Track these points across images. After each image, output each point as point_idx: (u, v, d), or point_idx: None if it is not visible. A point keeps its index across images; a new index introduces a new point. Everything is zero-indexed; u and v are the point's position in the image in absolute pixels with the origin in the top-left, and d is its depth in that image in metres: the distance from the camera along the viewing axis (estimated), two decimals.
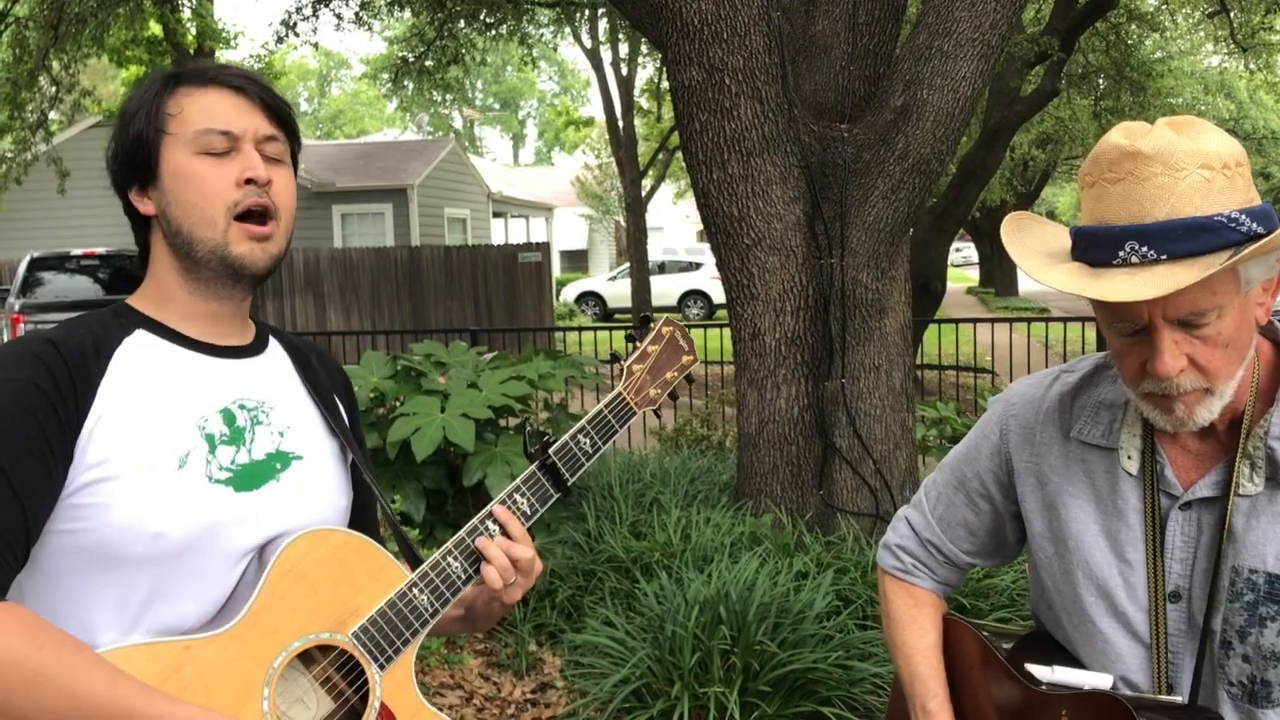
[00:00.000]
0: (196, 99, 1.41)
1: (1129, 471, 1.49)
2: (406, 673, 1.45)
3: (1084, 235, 1.36)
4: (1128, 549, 1.48)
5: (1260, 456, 1.41)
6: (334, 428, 1.54)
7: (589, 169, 32.66)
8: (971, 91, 4.68)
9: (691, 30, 4.70)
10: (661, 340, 1.72)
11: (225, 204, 1.38)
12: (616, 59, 19.05)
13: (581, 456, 1.61)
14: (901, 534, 1.80)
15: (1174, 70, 17.83)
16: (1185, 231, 1.28)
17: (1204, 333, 1.33)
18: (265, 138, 1.43)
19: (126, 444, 1.32)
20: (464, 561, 1.50)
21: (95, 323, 1.40)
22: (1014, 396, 1.66)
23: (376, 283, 17.30)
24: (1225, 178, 1.31)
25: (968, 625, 1.71)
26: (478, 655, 4.48)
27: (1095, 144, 1.39)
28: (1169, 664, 1.46)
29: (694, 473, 5.75)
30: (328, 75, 68.04)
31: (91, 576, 1.32)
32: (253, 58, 16.13)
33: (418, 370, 5.08)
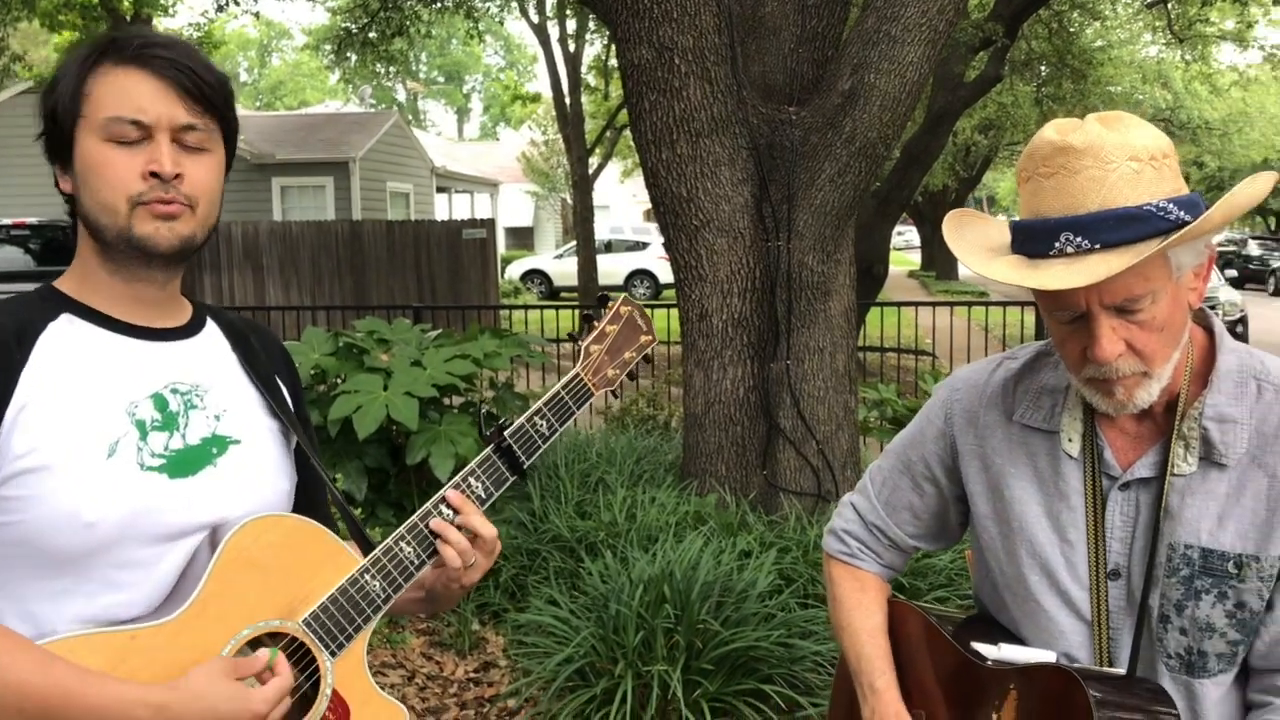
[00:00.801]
0: (113, 81, 1.34)
1: (1070, 454, 1.54)
2: (359, 659, 1.44)
3: (1022, 228, 1.41)
4: (1069, 529, 1.53)
5: (1195, 437, 1.46)
6: (274, 409, 1.51)
7: (535, 145, 32.43)
8: (918, 77, 4.71)
9: (641, 8, 4.68)
10: (620, 320, 1.70)
11: (127, 194, 1.33)
12: (564, 35, 18.91)
13: (538, 439, 1.58)
14: (847, 519, 1.82)
15: (1113, 59, 18.11)
16: (1117, 221, 1.34)
17: (1139, 318, 1.38)
18: (182, 126, 1.35)
19: (54, 433, 1.28)
20: (417, 546, 1.48)
21: (19, 307, 1.36)
22: (958, 382, 1.70)
23: (317, 257, 17.04)
24: (1153, 169, 1.36)
25: (913, 606, 1.75)
26: (420, 635, 4.47)
27: (1035, 133, 1.43)
28: (1109, 640, 1.51)
29: (640, 452, 5.76)
30: (268, 45, 66.80)
31: (27, 569, 1.29)
32: (192, 26, 15.80)
33: (360, 347, 5.02)
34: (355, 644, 1.42)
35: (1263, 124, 25.17)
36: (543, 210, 37.60)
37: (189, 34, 16.27)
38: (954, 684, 1.61)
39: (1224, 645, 1.46)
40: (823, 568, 1.89)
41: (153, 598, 1.33)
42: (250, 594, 1.34)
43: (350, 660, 1.42)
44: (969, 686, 1.57)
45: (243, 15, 13.74)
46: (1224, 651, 1.46)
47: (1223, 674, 1.48)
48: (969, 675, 1.57)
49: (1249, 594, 1.44)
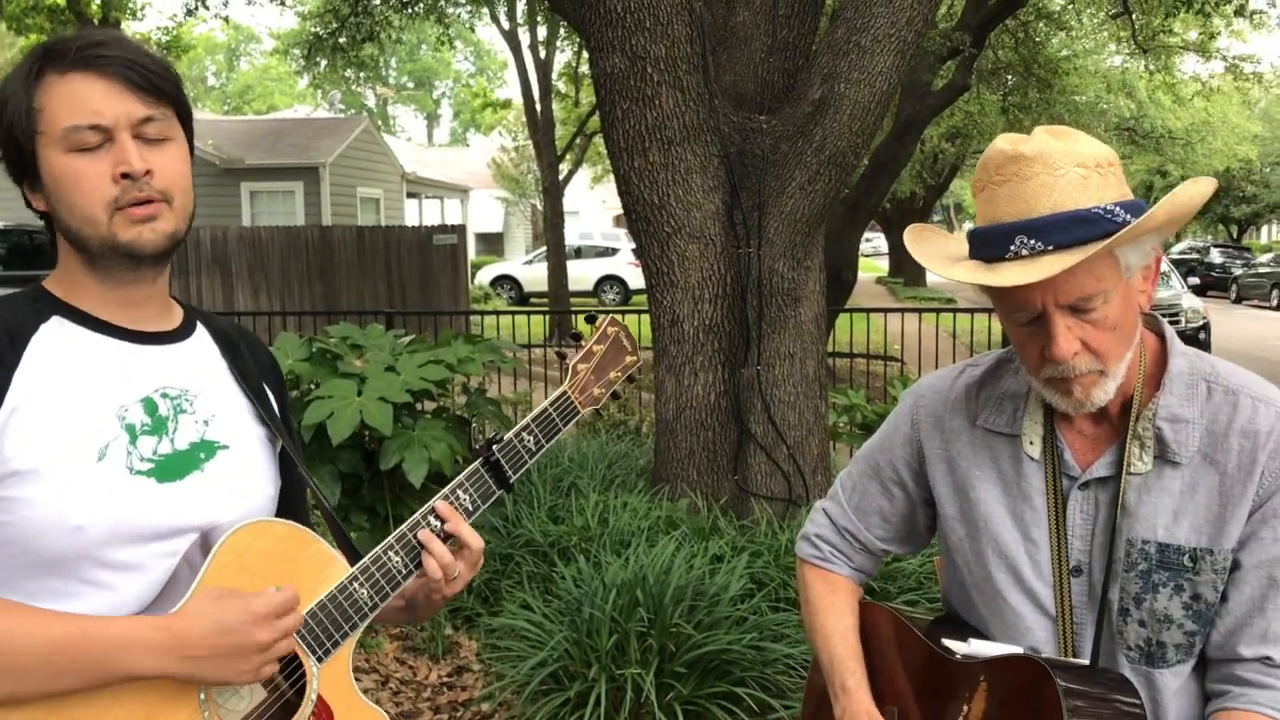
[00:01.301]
0: (60, 90, 1.32)
1: (1031, 456, 1.60)
2: (344, 666, 1.46)
3: (979, 235, 1.48)
4: (1032, 528, 1.59)
5: (1149, 437, 1.53)
6: (262, 416, 1.53)
7: (505, 151, 32.41)
8: (887, 86, 4.78)
9: (614, 17, 4.72)
10: (607, 340, 1.75)
11: (104, 201, 1.33)
12: (535, 41, 18.91)
13: (525, 454, 1.63)
14: (819, 524, 1.88)
15: (1079, 69, 18.32)
16: (1068, 223, 1.41)
17: (1093, 317, 1.45)
18: (141, 120, 1.34)
19: (44, 437, 1.30)
20: (404, 556, 1.51)
21: (10, 308, 1.37)
22: (923, 389, 1.76)
23: (286, 262, 16.95)
24: (1099, 175, 1.44)
25: (883, 607, 1.80)
26: (393, 639, 4.47)
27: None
28: (1074, 634, 1.56)
29: (611, 457, 5.79)
30: (236, 49, 66.34)
31: (17, 569, 1.31)
32: (160, 30, 15.70)
33: (333, 353, 5.01)
34: (341, 650, 1.44)
35: (1225, 133, 25.50)
36: (513, 216, 37.56)
37: (157, 38, 16.17)
38: (925, 679, 1.65)
39: (1181, 636, 1.52)
40: (796, 572, 1.94)
41: (143, 598, 1.35)
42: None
43: (336, 666, 1.44)
44: (939, 681, 1.62)
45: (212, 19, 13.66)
46: (1181, 642, 1.52)
47: (1181, 664, 1.53)
48: (939, 670, 1.62)
49: (1204, 586, 1.50)
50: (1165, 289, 17.25)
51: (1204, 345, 15.84)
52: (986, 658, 1.56)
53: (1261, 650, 1.47)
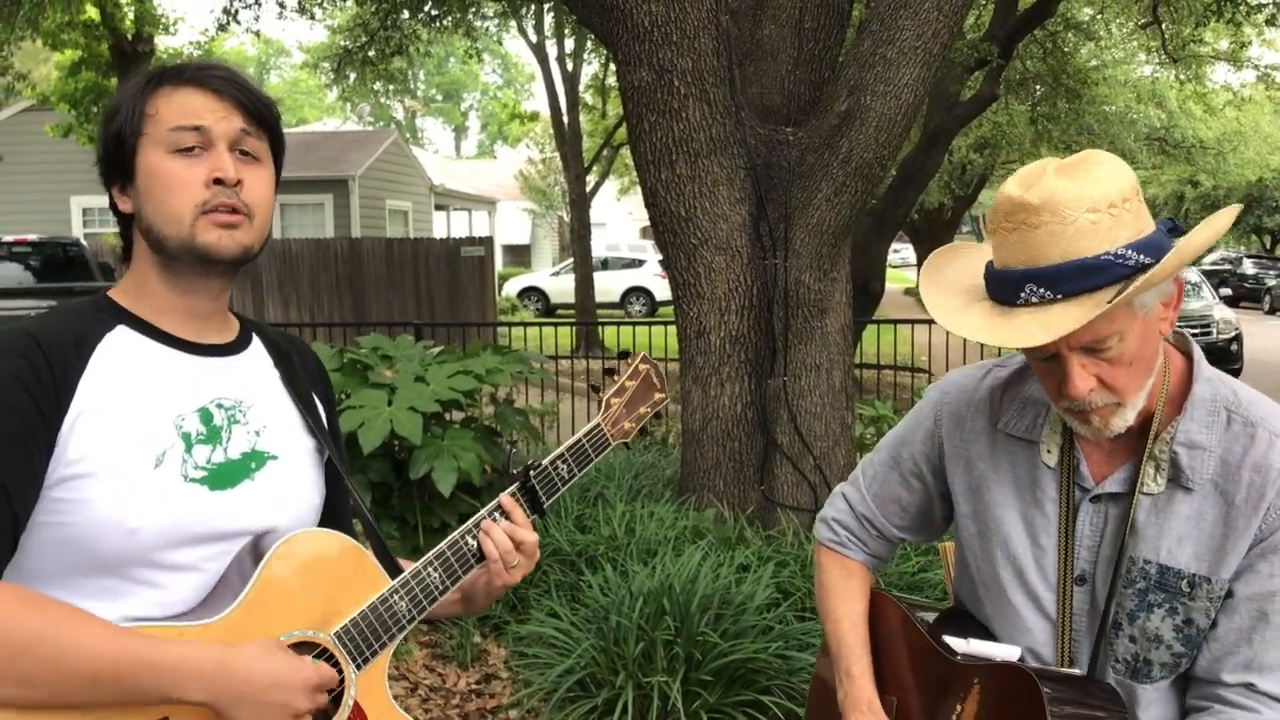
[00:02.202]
0: (172, 98, 1.42)
1: (1048, 464, 1.63)
2: (380, 674, 1.51)
3: (992, 279, 1.50)
4: (1041, 534, 1.62)
5: (1165, 460, 1.54)
6: (311, 428, 1.57)
7: (532, 163, 32.56)
8: (914, 98, 4.80)
9: (641, 31, 4.76)
10: (638, 377, 1.83)
11: (193, 202, 1.40)
12: (562, 54, 19.03)
13: (559, 482, 1.70)
14: (838, 509, 1.92)
15: (1108, 79, 18.24)
16: (1077, 273, 1.40)
17: (1109, 355, 1.45)
18: (240, 134, 1.43)
19: (105, 441, 1.35)
20: (442, 573, 1.56)
21: (77, 316, 1.42)
22: (949, 386, 1.79)
23: (316, 274, 17.11)
24: (1111, 217, 1.41)
25: (892, 599, 1.84)
26: (423, 647, 4.52)
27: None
28: (1072, 640, 1.60)
29: (638, 468, 5.82)
30: (267, 63, 67.00)
31: (73, 566, 1.35)
32: (192, 45, 15.90)
33: (364, 363, 5.08)
34: (379, 659, 1.49)
35: (1257, 143, 25.27)
36: (540, 228, 37.71)
37: (189, 52, 16.38)
38: (924, 674, 1.70)
39: (1168, 656, 1.55)
40: (813, 554, 1.97)
41: (192, 598, 1.40)
42: (290, 603, 1.41)
43: (373, 674, 1.49)
44: (938, 677, 1.66)
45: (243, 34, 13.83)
46: (1167, 661, 1.55)
47: (1163, 680, 1.57)
48: (938, 667, 1.67)
49: (1197, 612, 1.52)
50: (1197, 300, 17.11)
51: (1236, 357, 15.70)
52: (983, 662, 1.60)
53: (1245, 678, 1.50)
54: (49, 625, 1.24)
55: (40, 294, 12.64)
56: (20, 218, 18.29)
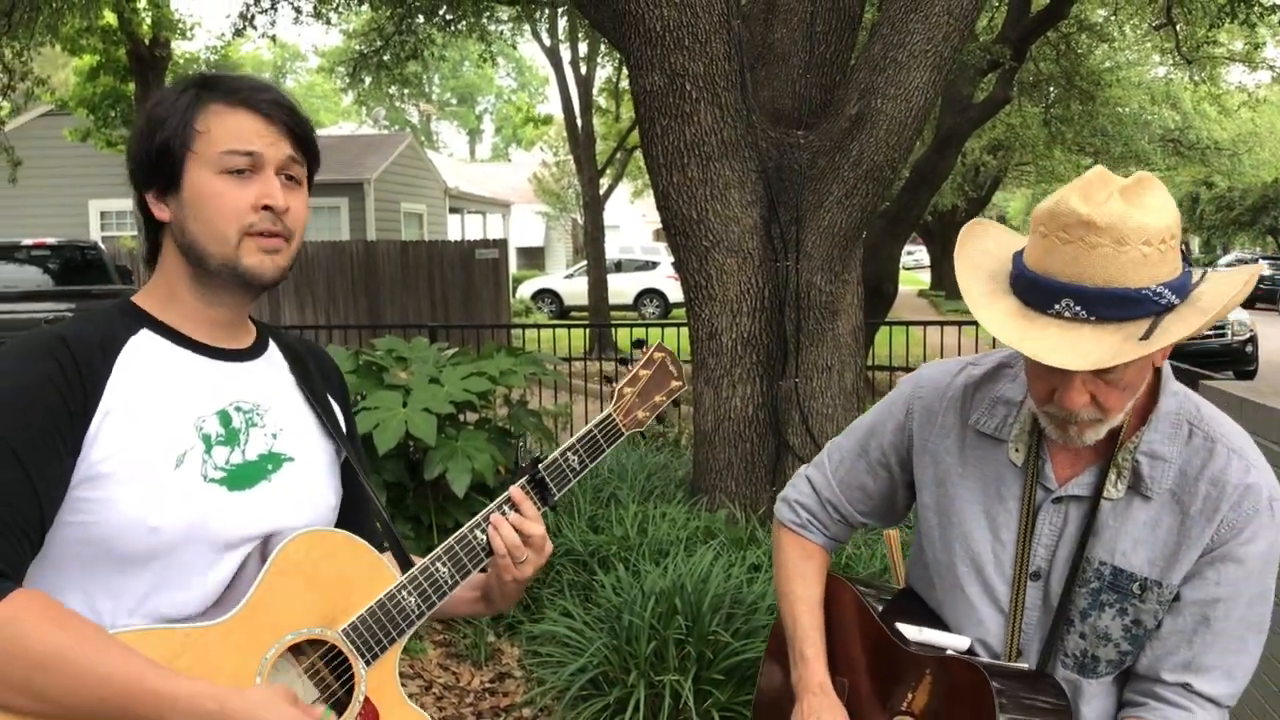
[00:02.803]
0: (225, 120, 1.44)
1: (1015, 463, 1.68)
2: (390, 670, 1.53)
3: (1027, 279, 1.50)
4: (1003, 530, 1.68)
5: (1127, 467, 1.60)
6: (327, 430, 1.61)
7: (546, 166, 32.64)
8: (924, 101, 4.82)
9: (654, 36, 4.80)
10: (653, 365, 1.81)
11: (240, 225, 1.44)
12: (576, 57, 19.08)
13: (569, 473, 1.70)
14: (801, 491, 1.95)
15: (1122, 80, 18.20)
16: (1116, 300, 1.43)
17: (1110, 378, 1.50)
18: (288, 160, 1.48)
19: (128, 441, 1.38)
20: (451, 567, 1.58)
21: (103, 319, 1.46)
22: (923, 380, 1.83)
23: (332, 277, 17.20)
24: (1159, 253, 1.44)
25: (847, 584, 1.88)
26: (437, 646, 4.56)
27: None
28: (1022, 633, 1.65)
29: (651, 469, 5.86)
30: (283, 67, 67.28)
31: (95, 566, 1.39)
32: (208, 49, 16.01)
33: (380, 365, 5.13)
34: (389, 655, 1.52)
35: (1272, 144, 25.15)
36: (554, 230, 37.79)
37: (206, 56, 16.49)
38: (877, 659, 1.75)
39: (1115, 654, 1.62)
40: (772, 533, 2.01)
41: (205, 600, 1.44)
42: (296, 602, 1.44)
43: (383, 670, 1.51)
44: (890, 664, 1.71)
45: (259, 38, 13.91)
46: (1114, 659, 1.62)
47: (1108, 676, 1.63)
48: (891, 653, 1.71)
49: (1146, 614, 1.59)
50: None
51: (1251, 358, 15.61)
52: (936, 653, 1.65)
53: (1183, 678, 1.57)
54: (69, 643, 1.28)
55: (59, 296, 12.72)
56: (39, 221, 18.44)
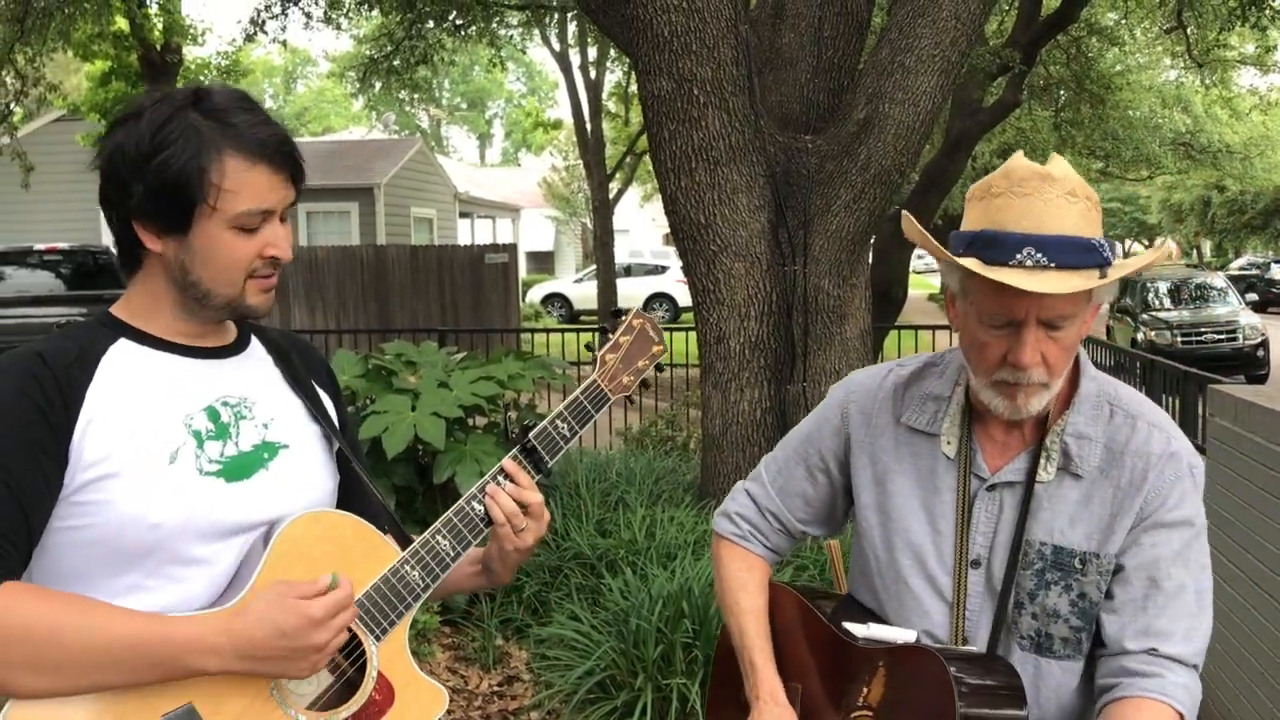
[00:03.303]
0: (243, 178, 1.44)
1: (947, 455, 1.74)
2: (401, 644, 1.56)
3: (985, 236, 1.57)
4: (940, 521, 1.73)
5: (1055, 449, 1.68)
6: (316, 415, 1.64)
7: (556, 171, 32.69)
8: (932, 105, 4.83)
9: (662, 41, 4.82)
10: (633, 332, 1.84)
11: (247, 270, 1.48)
12: (585, 62, 19.13)
13: (560, 440, 1.72)
14: (741, 503, 1.98)
15: (1132, 84, 18.17)
16: (1074, 247, 1.54)
17: (1058, 335, 1.58)
18: (288, 206, 1.52)
19: (120, 443, 1.41)
20: (452, 539, 1.61)
21: (82, 333, 1.49)
22: (853, 385, 1.89)
23: (342, 281, 17.26)
24: (1095, 212, 1.59)
25: (790, 590, 1.91)
26: (445, 649, 4.58)
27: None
28: (966, 620, 1.70)
29: (659, 473, 5.87)
30: (293, 72, 67.53)
31: (100, 566, 1.42)
32: (219, 54, 16.09)
33: (389, 369, 5.15)
34: (397, 630, 1.55)
35: None
36: (563, 235, 37.83)
37: (217, 62, 16.58)
38: (827, 660, 1.78)
39: (1067, 630, 1.67)
40: (711, 546, 2.03)
41: (212, 591, 1.46)
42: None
43: (393, 645, 1.54)
44: (840, 662, 1.74)
45: (270, 44, 13.98)
46: (1067, 636, 1.67)
47: (1069, 659, 1.68)
48: (840, 652, 1.75)
49: (1089, 586, 1.65)
50: (1223, 305, 16.98)
51: (1262, 362, 15.57)
52: (886, 645, 1.68)
53: (1147, 643, 1.61)
54: (67, 611, 1.33)
55: (70, 301, 12.80)
56: (51, 226, 18.52)
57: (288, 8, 12.90)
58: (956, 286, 1.66)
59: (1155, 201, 41.08)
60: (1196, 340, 15.86)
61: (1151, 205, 42.25)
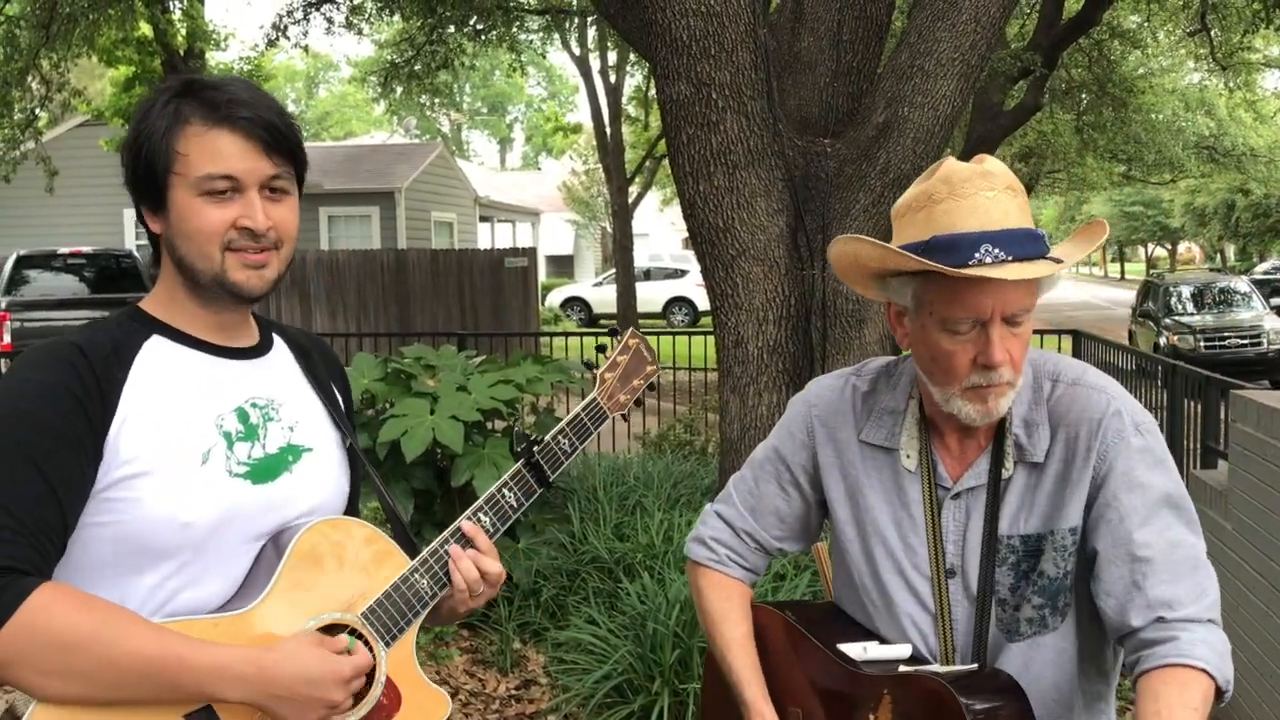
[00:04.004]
0: (204, 141, 1.45)
1: (908, 469, 1.73)
2: (409, 651, 1.58)
3: (942, 242, 1.56)
4: (910, 535, 1.72)
5: (1009, 445, 1.67)
6: (335, 419, 1.66)
7: (576, 175, 32.75)
8: (952, 109, 4.81)
9: (680, 46, 4.81)
10: (629, 351, 1.90)
11: (220, 242, 1.46)
12: (605, 66, 19.16)
13: (561, 455, 1.76)
14: (714, 527, 1.95)
15: (1155, 87, 18.07)
16: (1025, 238, 1.55)
17: (1018, 330, 1.59)
18: (269, 178, 1.48)
19: (153, 441, 1.43)
20: (459, 549, 1.63)
21: (114, 327, 1.50)
22: (813, 399, 1.86)
23: (363, 285, 17.35)
24: (1027, 204, 1.62)
25: (775, 611, 1.88)
26: (463, 652, 4.59)
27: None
28: (951, 629, 1.69)
29: (677, 477, 5.87)
30: (315, 77, 67.90)
31: (126, 564, 1.43)
32: (242, 59, 16.19)
33: (408, 373, 5.16)
34: (406, 636, 1.57)
35: None
36: (583, 239, 37.90)
37: (240, 67, 16.69)
38: (827, 685, 1.74)
39: (1031, 610, 1.66)
40: (687, 575, 2.00)
41: (225, 592, 1.48)
42: (317, 589, 1.49)
43: (402, 651, 1.56)
44: (842, 687, 1.70)
45: (292, 49, 14.06)
46: (1032, 616, 1.66)
47: (1034, 636, 1.66)
48: (841, 677, 1.71)
49: (1046, 562, 1.65)
50: (1247, 310, 16.85)
51: None
52: (890, 670, 1.65)
53: (1152, 614, 1.54)
54: (100, 624, 1.34)
55: (95, 304, 12.91)
56: (75, 230, 18.69)
57: (310, 13, 12.98)
58: (909, 302, 1.64)
59: (1178, 205, 40.80)
60: (1220, 345, 15.74)
61: (1175, 209, 41.97)
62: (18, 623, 1.29)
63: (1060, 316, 24.27)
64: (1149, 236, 48.32)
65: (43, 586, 1.32)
